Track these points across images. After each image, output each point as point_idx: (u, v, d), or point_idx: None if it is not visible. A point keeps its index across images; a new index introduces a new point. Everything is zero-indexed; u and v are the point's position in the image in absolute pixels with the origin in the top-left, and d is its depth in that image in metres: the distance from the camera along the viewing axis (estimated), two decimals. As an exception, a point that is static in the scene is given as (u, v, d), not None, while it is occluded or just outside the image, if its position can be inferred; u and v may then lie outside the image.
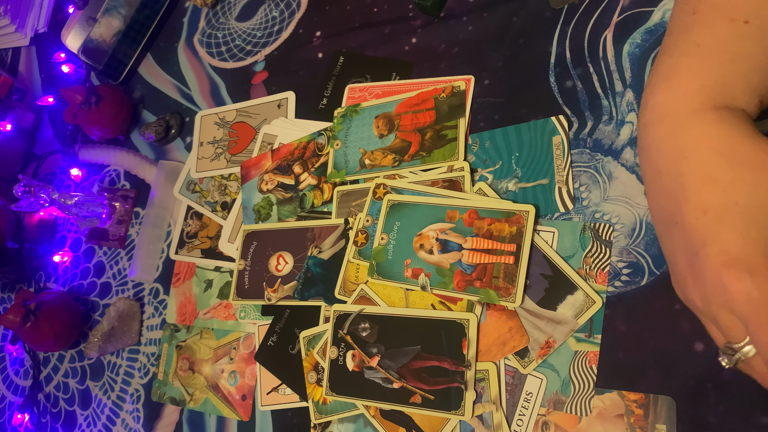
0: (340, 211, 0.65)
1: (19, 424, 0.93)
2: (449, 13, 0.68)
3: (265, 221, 0.70)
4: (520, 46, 0.62)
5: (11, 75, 1.17)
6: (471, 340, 0.53)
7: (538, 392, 0.51)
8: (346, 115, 0.68)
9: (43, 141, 1.09)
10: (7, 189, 0.97)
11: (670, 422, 0.45)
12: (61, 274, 0.96)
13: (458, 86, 0.63)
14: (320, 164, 0.68)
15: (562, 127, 0.56)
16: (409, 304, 0.58)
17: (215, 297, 0.75)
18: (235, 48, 0.86)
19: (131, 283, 0.86)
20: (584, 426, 0.49)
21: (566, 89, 0.57)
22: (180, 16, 0.95)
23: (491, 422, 0.52)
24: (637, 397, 0.47)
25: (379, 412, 0.57)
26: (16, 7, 1.15)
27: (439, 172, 0.60)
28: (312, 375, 0.62)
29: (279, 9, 0.84)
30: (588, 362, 0.49)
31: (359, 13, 0.76)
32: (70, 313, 0.87)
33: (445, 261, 0.56)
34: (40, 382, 0.94)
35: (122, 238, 0.88)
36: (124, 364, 0.82)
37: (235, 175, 0.77)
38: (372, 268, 0.59)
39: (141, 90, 0.96)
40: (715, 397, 0.44)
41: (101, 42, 0.94)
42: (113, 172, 0.95)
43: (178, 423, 0.74)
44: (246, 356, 0.70)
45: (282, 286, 0.66)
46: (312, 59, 0.77)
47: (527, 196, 0.56)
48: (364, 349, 0.57)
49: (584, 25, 0.58)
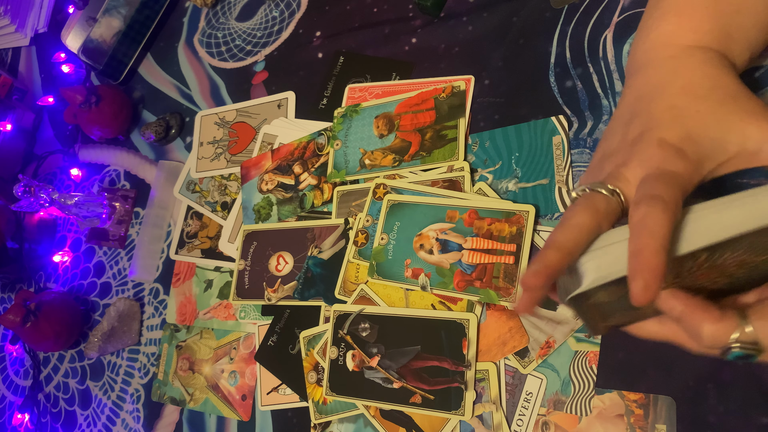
0: (340, 211, 0.65)
1: (19, 424, 0.93)
2: (449, 13, 0.68)
3: (265, 221, 0.70)
4: (520, 46, 0.62)
5: (11, 75, 1.17)
6: (471, 340, 0.53)
7: (538, 392, 0.51)
8: (346, 115, 0.68)
9: (43, 141, 1.09)
10: (7, 189, 0.97)
11: (670, 422, 0.45)
12: (61, 274, 0.96)
13: (458, 86, 0.63)
14: (320, 164, 0.68)
15: (562, 127, 0.56)
16: (409, 304, 0.58)
17: (215, 297, 0.75)
18: (235, 48, 0.86)
19: (131, 283, 0.86)
20: (584, 426, 0.49)
21: (566, 89, 0.57)
22: (180, 16, 0.95)
23: (491, 422, 0.52)
24: (637, 397, 0.47)
25: (379, 412, 0.57)
26: (16, 7, 1.15)
27: (439, 172, 0.60)
28: (312, 375, 0.62)
29: (279, 9, 0.84)
30: (588, 362, 0.49)
31: (359, 13, 0.76)
32: (70, 313, 0.87)
33: (445, 261, 0.56)
34: (40, 382, 0.94)
35: (122, 238, 0.88)
36: (124, 364, 0.82)
37: (235, 175, 0.77)
38: (372, 268, 0.59)
39: (141, 90, 0.96)
40: (715, 397, 0.44)
41: (101, 42, 0.94)
42: (113, 172, 0.95)
43: (178, 423, 0.74)
44: (246, 356, 0.70)
45: (282, 286, 0.66)
46: (312, 59, 0.77)
47: (527, 196, 0.56)
48: (364, 349, 0.57)
49: (584, 25, 0.58)
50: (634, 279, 0.29)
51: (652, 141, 0.35)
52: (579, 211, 0.34)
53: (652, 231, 0.30)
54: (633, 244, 0.31)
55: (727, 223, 0.32)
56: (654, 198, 0.31)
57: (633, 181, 0.35)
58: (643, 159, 0.35)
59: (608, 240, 0.34)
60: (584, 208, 0.34)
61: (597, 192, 0.35)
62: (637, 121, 0.37)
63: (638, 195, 0.32)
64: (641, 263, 0.29)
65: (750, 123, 0.34)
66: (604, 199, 0.34)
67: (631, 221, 0.32)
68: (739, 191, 0.32)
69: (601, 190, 0.35)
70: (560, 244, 0.33)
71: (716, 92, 0.36)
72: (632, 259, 0.30)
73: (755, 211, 0.32)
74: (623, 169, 0.35)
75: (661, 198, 0.31)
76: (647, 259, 0.29)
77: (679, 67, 0.38)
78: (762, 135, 0.34)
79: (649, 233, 0.30)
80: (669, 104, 0.36)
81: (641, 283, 0.29)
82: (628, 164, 0.35)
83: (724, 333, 0.31)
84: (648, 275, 0.29)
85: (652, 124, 0.36)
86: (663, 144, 0.34)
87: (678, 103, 0.36)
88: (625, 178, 0.35)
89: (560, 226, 0.34)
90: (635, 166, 0.35)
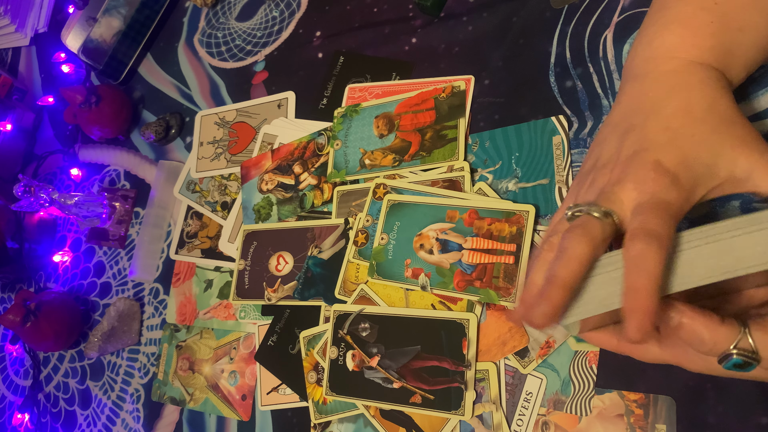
0: (340, 211, 0.65)
1: (19, 424, 0.93)
2: (449, 13, 0.68)
3: (265, 221, 0.70)
4: (520, 46, 0.62)
5: (11, 75, 1.17)
6: (471, 340, 0.53)
7: (538, 392, 0.51)
8: (346, 115, 0.68)
9: (43, 141, 1.09)
10: (7, 189, 0.97)
11: (670, 422, 0.45)
12: (61, 274, 0.96)
13: (458, 86, 0.63)
14: (320, 164, 0.68)
15: (562, 126, 0.56)
16: (409, 304, 0.58)
17: (215, 297, 0.75)
18: (235, 48, 0.86)
19: (131, 283, 0.86)
20: (584, 426, 0.49)
21: (566, 89, 0.57)
22: (180, 16, 0.95)
23: (491, 422, 0.52)
24: (637, 397, 0.47)
25: (379, 412, 0.57)
26: (16, 7, 1.15)
27: (439, 172, 0.60)
28: (312, 375, 0.62)
29: (279, 9, 0.84)
30: (588, 362, 0.49)
31: (359, 13, 0.76)
32: (70, 313, 0.87)
33: (445, 261, 0.56)
34: (40, 382, 0.94)
35: (122, 238, 0.88)
36: (124, 364, 0.82)
37: (235, 175, 0.77)
38: (372, 268, 0.59)
39: (141, 90, 0.96)
40: (714, 397, 0.44)
41: (101, 42, 0.94)
42: (113, 172, 0.95)
43: (178, 423, 0.74)
44: (246, 356, 0.70)
45: (282, 286, 0.66)
46: (312, 59, 0.77)
47: (527, 196, 0.56)
48: (364, 349, 0.58)
49: (584, 25, 0.58)
50: (630, 318, 0.31)
51: (647, 163, 0.35)
52: (577, 241, 0.34)
53: (649, 272, 0.31)
54: (629, 280, 0.32)
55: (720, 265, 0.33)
56: (650, 235, 0.32)
57: (627, 203, 0.35)
58: (637, 180, 0.35)
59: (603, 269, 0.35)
60: (581, 236, 0.34)
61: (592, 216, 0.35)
62: (632, 136, 0.37)
63: (634, 226, 0.33)
64: (637, 304, 0.31)
65: (741, 152, 0.35)
66: (599, 226, 0.35)
67: (627, 254, 0.32)
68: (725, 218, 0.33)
69: (594, 213, 0.35)
70: (564, 281, 0.33)
71: (712, 116, 0.36)
72: (628, 296, 0.32)
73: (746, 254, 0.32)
74: (617, 188, 0.36)
75: (657, 235, 0.32)
76: (643, 301, 0.31)
77: (678, 84, 0.38)
78: (750, 164, 0.35)
79: (646, 274, 0.31)
80: (665, 125, 0.37)
81: (636, 324, 0.31)
82: (623, 183, 0.35)
83: (725, 339, 0.32)
84: (643, 316, 0.31)
85: (647, 145, 0.36)
86: (658, 168, 0.35)
87: (673, 124, 0.36)
88: (619, 200, 0.35)
89: (561, 258, 0.34)
90: (630, 188, 0.35)
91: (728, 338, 0.32)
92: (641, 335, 0.31)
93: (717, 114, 0.36)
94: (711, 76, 0.38)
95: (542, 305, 0.34)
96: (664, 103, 0.37)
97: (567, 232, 0.35)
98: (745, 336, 0.32)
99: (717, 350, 0.33)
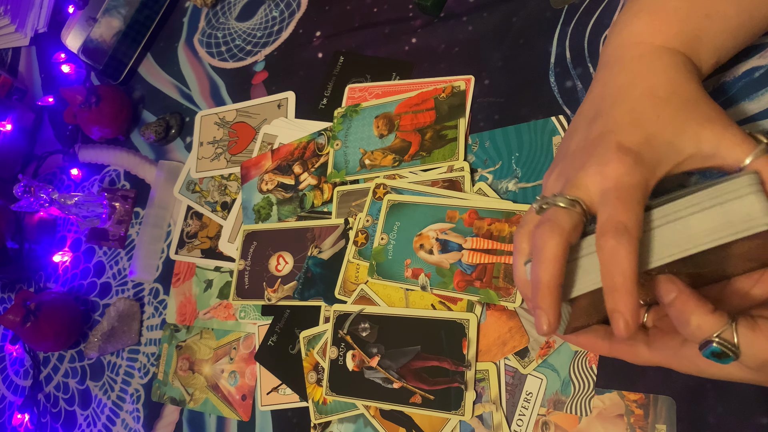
0: (340, 211, 0.65)
1: (19, 424, 0.93)
2: (449, 13, 0.68)
3: (265, 221, 0.70)
4: (520, 46, 0.62)
5: (11, 75, 1.17)
6: (471, 340, 0.53)
7: (538, 392, 0.51)
8: (346, 115, 0.68)
9: (43, 141, 1.09)
10: (7, 189, 0.97)
11: (670, 422, 0.45)
12: (61, 274, 0.96)
13: (458, 86, 0.63)
14: (320, 164, 0.68)
15: (562, 127, 0.56)
16: (409, 304, 0.58)
17: (215, 297, 0.75)
18: (235, 48, 0.86)
19: (131, 283, 0.86)
20: (584, 426, 0.49)
21: (566, 89, 0.57)
22: (180, 16, 0.95)
23: (491, 422, 0.52)
24: (637, 397, 0.47)
25: (379, 412, 0.57)
26: (16, 7, 1.15)
27: (439, 172, 0.60)
28: (312, 375, 0.62)
29: (279, 9, 0.84)
30: (588, 362, 0.49)
31: (359, 13, 0.76)
32: (70, 313, 0.87)
33: (445, 261, 0.56)
34: (40, 382, 0.94)
35: (122, 238, 0.88)
36: (124, 364, 0.82)
37: (235, 175, 0.77)
38: (372, 268, 0.59)
39: (141, 90, 0.96)
40: (714, 397, 0.44)
41: (101, 42, 0.94)
42: (113, 172, 0.95)
43: (178, 423, 0.74)
44: (246, 356, 0.70)
45: (282, 286, 0.66)
46: (312, 59, 0.77)
47: (527, 196, 0.56)
48: (364, 349, 0.58)
49: (584, 25, 0.58)
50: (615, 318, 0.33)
51: (611, 144, 0.36)
52: (548, 238, 0.35)
53: (623, 270, 0.32)
54: (607, 280, 0.33)
55: (677, 243, 0.34)
56: (618, 229, 0.33)
57: (592, 188, 0.36)
58: (600, 162, 0.36)
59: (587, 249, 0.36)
60: (552, 232, 0.35)
61: (559, 207, 0.36)
62: (599, 121, 0.38)
63: (603, 220, 0.34)
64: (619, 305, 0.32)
65: (706, 127, 0.36)
66: (567, 216, 0.35)
67: (600, 252, 0.33)
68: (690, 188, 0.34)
69: (561, 203, 0.36)
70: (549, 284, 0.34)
71: (677, 97, 0.37)
72: (609, 298, 0.33)
73: (697, 231, 0.33)
74: (581, 173, 0.36)
75: (625, 228, 0.33)
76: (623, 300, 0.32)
77: (644, 69, 0.39)
78: (716, 139, 0.36)
79: (621, 272, 0.32)
80: (630, 107, 0.38)
81: (622, 323, 0.32)
82: (586, 168, 0.36)
83: (710, 327, 0.33)
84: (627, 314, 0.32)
85: (612, 126, 0.37)
86: (621, 148, 0.36)
87: (638, 107, 0.37)
88: (584, 185, 0.36)
89: (538, 260, 0.35)
90: (594, 172, 0.36)
91: (713, 327, 0.33)
92: (628, 332, 0.32)
93: (681, 95, 0.37)
94: (677, 61, 0.39)
95: (542, 317, 0.35)
96: (631, 88, 0.39)
97: (536, 228, 0.36)
98: (730, 328, 0.33)
99: (699, 335, 0.34)
